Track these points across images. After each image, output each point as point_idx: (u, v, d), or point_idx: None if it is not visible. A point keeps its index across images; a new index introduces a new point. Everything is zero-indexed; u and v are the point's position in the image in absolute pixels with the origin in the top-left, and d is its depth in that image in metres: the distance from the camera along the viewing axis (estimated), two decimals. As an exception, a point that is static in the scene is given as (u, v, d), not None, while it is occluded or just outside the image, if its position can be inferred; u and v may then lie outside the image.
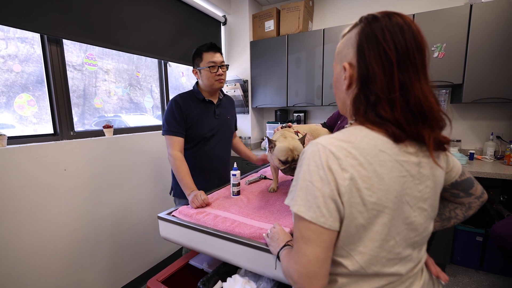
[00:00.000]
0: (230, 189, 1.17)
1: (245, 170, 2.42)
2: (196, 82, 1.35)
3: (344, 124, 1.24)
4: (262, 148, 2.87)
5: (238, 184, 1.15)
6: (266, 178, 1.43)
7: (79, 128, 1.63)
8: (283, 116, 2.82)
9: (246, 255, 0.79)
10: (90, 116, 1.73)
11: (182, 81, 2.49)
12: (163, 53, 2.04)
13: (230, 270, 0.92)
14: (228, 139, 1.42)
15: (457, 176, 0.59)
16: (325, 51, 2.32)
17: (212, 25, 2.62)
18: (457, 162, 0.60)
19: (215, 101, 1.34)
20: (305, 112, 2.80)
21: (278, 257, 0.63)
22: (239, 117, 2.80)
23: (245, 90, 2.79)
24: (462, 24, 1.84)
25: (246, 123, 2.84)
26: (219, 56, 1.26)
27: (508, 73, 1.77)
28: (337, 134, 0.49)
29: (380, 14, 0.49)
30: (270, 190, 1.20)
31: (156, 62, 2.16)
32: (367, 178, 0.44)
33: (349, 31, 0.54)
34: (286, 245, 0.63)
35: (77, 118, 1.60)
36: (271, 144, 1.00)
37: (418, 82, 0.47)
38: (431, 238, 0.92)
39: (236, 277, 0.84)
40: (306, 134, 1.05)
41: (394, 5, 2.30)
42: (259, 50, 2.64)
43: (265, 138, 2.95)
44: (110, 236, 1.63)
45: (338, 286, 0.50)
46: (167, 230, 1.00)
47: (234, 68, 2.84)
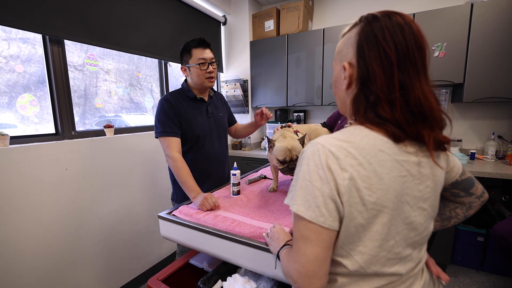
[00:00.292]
0: (230, 188, 1.18)
1: (245, 169, 2.43)
2: (184, 80, 1.29)
3: (344, 124, 1.24)
4: (262, 148, 2.87)
5: (238, 183, 1.15)
6: (266, 177, 1.44)
7: (80, 128, 1.63)
8: (283, 115, 2.82)
9: (246, 255, 0.79)
10: (91, 116, 1.73)
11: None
12: (163, 53, 2.05)
13: (230, 269, 0.92)
14: (223, 138, 1.37)
15: (457, 175, 0.59)
16: (325, 51, 2.32)
17: (212, 25, 2.62)
18: (457, 161, 0.60)
19: (206, 98, 1.29)
20: (305, 111, 2.79)
21: (278, 256, 0.63)
22: (239, 116, 2.80)
23: (245, 90, 2.79)
24: (463, 23, 1.83)
25: (245, 122, 2.83)
26: (209, 52, 1.20)
27: (509, 72, 1.76)
28: (336, 134, 0.49)
29: (380, 14, 0.49)
30: (270, 190, 1.20)
31: (156, 62, 2.16)
32: (367, 178, 0.44)
33: (349, 31, 0.54)
34: (286, 244, 0.63)
35: (78, 118, 1.61)
36: (271, 143, 1.01)
37: (418, 82, 0.47)
38: (432, 238, 0.92)
39: (236, 276, 0.84)
40: (305, 134, 1.06)
41: (395, 4, 2.29)
42: (259, 50, 2.64)
43: (264, 137, 2.95)
44: (111, 235, 1.64)
45: (338, 285, 0.50)
46: (168, 230, 1.00)
47: (234, 68, 2.84)
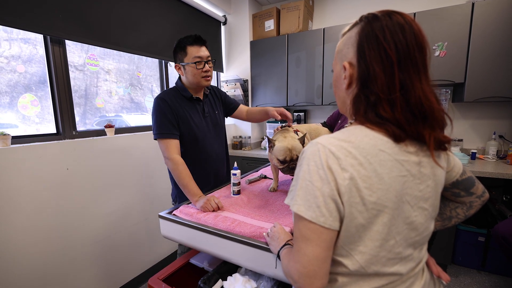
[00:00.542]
0: (231, 188, 1.18)
1: (245, 169, 2.43)
2: (179, 78, 1.24)
3: (344, 124, 1.24)
4: (262, 147, 2.87)
5: (239, 183, 1.15)
6: (266, 177, 1.44)
7: (81, 127, 1.64)
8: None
9: (247, 254, 0.79)
10: (91, 115, 1.74)
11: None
12: (163, 53, 2.05)
13: (231, 269, 0.92)
14: (221, 137, 1.34)
15: (458, 175, 0.59)
16: (325, 51, 2.32)
17: (212, 25, 2.62)
18: (458, 161, 0.60)
19: (202, 97, 1.25)
20: (305, 111, 2.79)
21: (278, 256, 0.63)
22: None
23: (245, 90, 2.79)
24: (464, 22, 1.83)
25: (246, 123, 2.84)
26: (205, 50, 1.15)
27: (510, 71, 1.76)
28: (337, 134, 0.49)
29: (380, 13, 0.49)
30: (270, 190, 1.20)
31: (156, 62, 2.17)
32: (367, 178, 0.44)
33: (349, 30, 0.54)
34: (286, 244, 0.63)
35: (79, 118, 1.61)
36: (271, 143, 1.01)
37: (418, 81, 0.47)
38: (432, 237, 0.92)
39: (236, 276, 0.84)
40: (306, 134, 1.06)
41: (395, 3, 2.29)
42: (259, 49, 2.64)
43: (265, 137, 2.95)
44: (111, 234, 1.64)
45: (338, 285, 0.50)
46: (168, 229, 1.01)
47: (234, 67, 2.84)
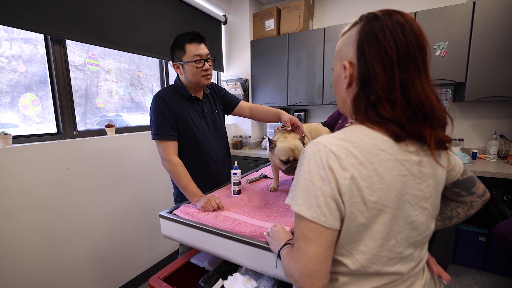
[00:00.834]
0: (231, 188, 1.18)
1: (245, 169, 2.43)
2: (177, 76, 1.19)
3: (344, 123, 1.24)
4: (263, 147, 2.87)
5: (239, 183, 1.15)
6: (266, 177, 1.44)
7: (82, 127, 1.64)
8: (284, 115, 2.82)
9: (247, 254, 0.79)
10: (92, 115, 1.74)
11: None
12: (164, 52, 2.05)
13: (231, 268, 0.92)
14: (222, 137, 1.30)
15: (458, 174, 0.59)
16: (325, 50, 2.31)
17: (212, 24, 2.62)
18: (458, 160, 0.60)
19: (201, 97, 1.21)
20: (305, 111, 2.79)
21: (279, 255, 0.63)
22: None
23: (245, 89, 2.79)
24: (465, 21, 1.82)
25: (246, 122, 2.84)
26: (204, 47, 1.10)
27: (511, 71, 1.75)
28: (337, 134, 0.49)
29: (380, 13, 0.49)
30: (270, 189, 1.20)
31: (157, 61, 2.17)
32: (368, 177, 0.44)
33: (349, 30, 0.54)
34: (286, 243, 0.63)
35: (79, 118, 1.61)
36: (272, 144, 1.00)
37: (419, 81, 0.47)
38: (433, 237, 0.92)
39: (237, 275, 0.84)
40: (305, 135, 1.05)
41: (396, 3, 2.28)
42: (260, 49, 2.64)
43: (265, 137, 2.95)
44: (112, 234, 1.64)
45: (339, 284, 0.50)
46: (169, 229, 1.01)
47: (235, 67, 2.84)
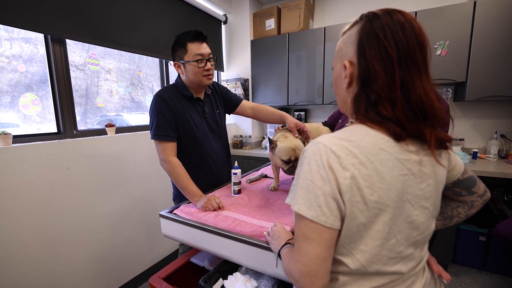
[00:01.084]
0: (231, 187, 1.18)
1: (246, 168, 2.43)
2: (178, 75, 1.17)
3: (345, 123, 1.24)
4: (263, 147, 2.88)
5: (239, 182, 1.15)
6: (267, 176, 1.44)
7: (82, 127, 1.64)
8: (284, 114, 2.82)
9: (247, 253, 0.79)
10: (92, 115, 1.74)
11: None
12: (164, 52, 2.05)
13: (231, 268, 0.92)
14: (222, 137, 1.30)
15: (459, 174, 0.59)
16: (326, 50, 2.31)
17: (212, 24, 2.62)
18: (459, 160, 0.59)
19: (203, 97, 1.19)
20: (306, 110, 2.79)
21: (279, 255, 0.63)
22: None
23: (245, 89, 2.79)
24: (466, 21, 1.82)
25: (247, 122, 2.84)
26: (206, 46, 1.08)
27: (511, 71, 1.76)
28: (337, 133, 0.49)
29: (380, 12, 0.49)
30: (270, 189, 1.20)
31: (157, 61, 2.17)
32: (368, 177, 0.44)
33: (349, 29, 0.54)
34: (287, 243, 0.63)
35: (79, 117, 1.62)
36: (272, 144, 1.00)
37: (419, 80, 0.47)
38: (433, 237, 0.92)
39: (237, 275, 0.84)
40: (305, 134, 1.05)
41: (397, 2, 2.28)
42: (260, 48, 2.64)
43: (265, 137, 2.95)
44: (112, 233, 1.64)
45: (339, 284, 0.50)
46: (169, 228, 1.01)
47: (235, 66, 2.84)
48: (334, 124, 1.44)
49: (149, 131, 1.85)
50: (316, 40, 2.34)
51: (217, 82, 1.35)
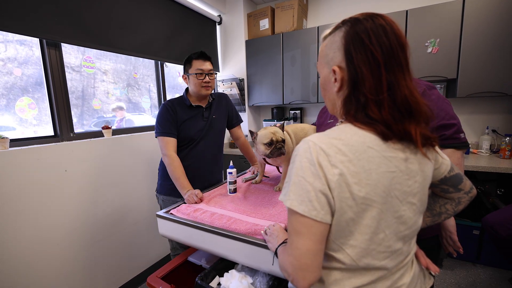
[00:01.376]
0: (227, 186, 1.19)
1: (241, 168, 2.44)
2: (186, 88, 1.38)
3: (335, 122, 1.25)
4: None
5: (235, 182, 1.17)
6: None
7: (79, 129, 1.64)
8: (280, 113, 2.82)
9: (242, 251, 0.81)
10: (89, 116, 1.74)
11: (179, 81, 2.50)
12: (159, 53, 2.05)
13: (228, 265, 0.94)
14: (218, 141, 1.45)
15: (446, 172, 0.60)
16: (319, 49, 2.32)
17: (207, 25, 2.62)
18: (446, 158, 0.61)
19: (204, 105, 1.37)
20: (301, 109, 2.80)
21: (276, 253, 0.65)
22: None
23: (241, 89, 2.80)
24: (455, 19, 1.85)
25: (243, 122, 2.84)
26: (208, 65, 1.30)
27: (502, 67, 1.78)
28: (328, 132, 0.51)
29: (362, 16, 0.50)
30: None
31: (153, 62, 2.17)
32: (356, 174, 0.46)
33: (330, 33, 0.55)
34: (283, 242, 0.65)
35: (76, 119, 1.62)
36: (254, 134, 1.08)
37: (403, 79, 0.49)
38: (439, 248, 0.94)
39: (233, 272, 0.85)
40: (284, 123, 1.15)
41: (387, 1, 2.30)
42: (255, 48, 2.64)
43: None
44: (110, 235, 1.65)
45: (332, 281, 0.52)
46: (166, 228, 1.02)
47: (230, 67, 2.85)
48: (320, 123, 1.45)
49: (145, 132, 1.90)
50: (310, 39, 2.36)
51: (226, 95, 1.55)
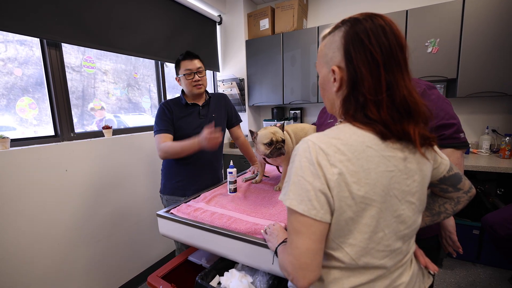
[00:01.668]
0: (227, 186, 1.20)
1: (242, 167, 2.44)
2: (182, 89, 1.40)
3: (335, 122, 1.26)
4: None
5: (235, 181, 1.17)
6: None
7: (79, 129, 1.64)
8: (280, 113, 2.82)
9: (242, 250, 0.81)
10: (89, 116, 1.74)
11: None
12: (159, 53, 2.06)
13: (228, 265, 0.94)
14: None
15: (445, 171, 0.60)
16: (319, 48, 2.33)
17: (207, 25, 2.62)
18: (445, 158, 0.61)
19: (201, 103, 1.37)
20: (301, 109, 2.81)
21: (276, 253, 0.65)
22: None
23: (241, 89, 2.80)
24: (455, 18, 1.85)
25: (243, 121, 2.84)
26: (197, 62, 1.30)
27: (502, 66, 1.78)
28: (327, 132, 0.51)
29: (361, 16, 0.51)
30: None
31: (153, 62, 2.17)
32: (355, 173, 0.46)
33: (330, 33, 0.55)
34: (283, 241, 0.65)
35: (76, 119, 1.62)
36: (254, 134, 1.08)
37: (402, 80, 0.49)
38: (438, 248, 0.94)
39: (233, 271, 0.86)
40: (284, 123, 1.13)
41: (387, 1, 2.30)
42: (255, 48, 2.65)
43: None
44: (110, 234, 1.66)
45: (331, 280, 0.52)
46: (166, 228, 1.02)
47: (230, 67, 2.85)
48: (321, 122, 1.46)
49: (145, 132, 1.91)
50: (310, 39, 2.36)
51: (226, 95, 1.55)
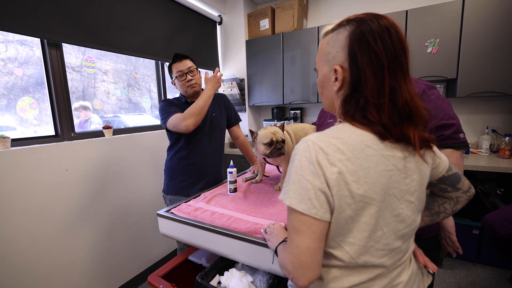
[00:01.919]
0: (227, 186, 1.20)
1: (242, 167, 2.45)
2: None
3: (334, 122, 1.26)
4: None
5: (235, 181, 1.17)
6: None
7: (79, 129, 1.65)
8: (280, 113, 2.83)
9: (242, 250, 0.81)
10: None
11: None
12: (159, 53, 2.06)
13: (228, 264, 0.94)
14: (216, 136, 1.42)
15: (444, 171, 0.60)
16: (320, 45, 2.33)
17: (207, 25, 2.63)
18: (444, 158, 0.61)
19: None
20: (301, 109, 2.81)
21: (276, 252, 0.65)
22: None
23: (241, 89, 2.80)
24: (455, 18, 1.85)
25: (243, 121, 2.85)
26: (186, 62, 1.30)
27: (501, 67, 1.78)
28: (327, 131, 0.51)
29: (367, 17, 0.50)
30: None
31: (153, 62, 2.18)
32: (354, 172, 0.46)
33: (333, 30, 0.55)
34: (283, 241, 0.65)
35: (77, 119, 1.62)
36: (254, 134, 1.08)
37: (404, 84, 0.49)
38: (438, 248, 0.94)
39: (233, 270, 0.86)
40: (284, 123, 1.14)
41: (387, 1, 2.30)
42: (255, 48, 2.65)
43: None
44: (111, 234, 1.66)
45: (330, 278, 0.52)
46: (166, 227, 1.03)
47: (230, 67, 2.86)
48: (320, 123, 1.46)
49: (146, 132, 1.90)
50: (310, 39, 2.36)
51: (225, 95, 1.55)
